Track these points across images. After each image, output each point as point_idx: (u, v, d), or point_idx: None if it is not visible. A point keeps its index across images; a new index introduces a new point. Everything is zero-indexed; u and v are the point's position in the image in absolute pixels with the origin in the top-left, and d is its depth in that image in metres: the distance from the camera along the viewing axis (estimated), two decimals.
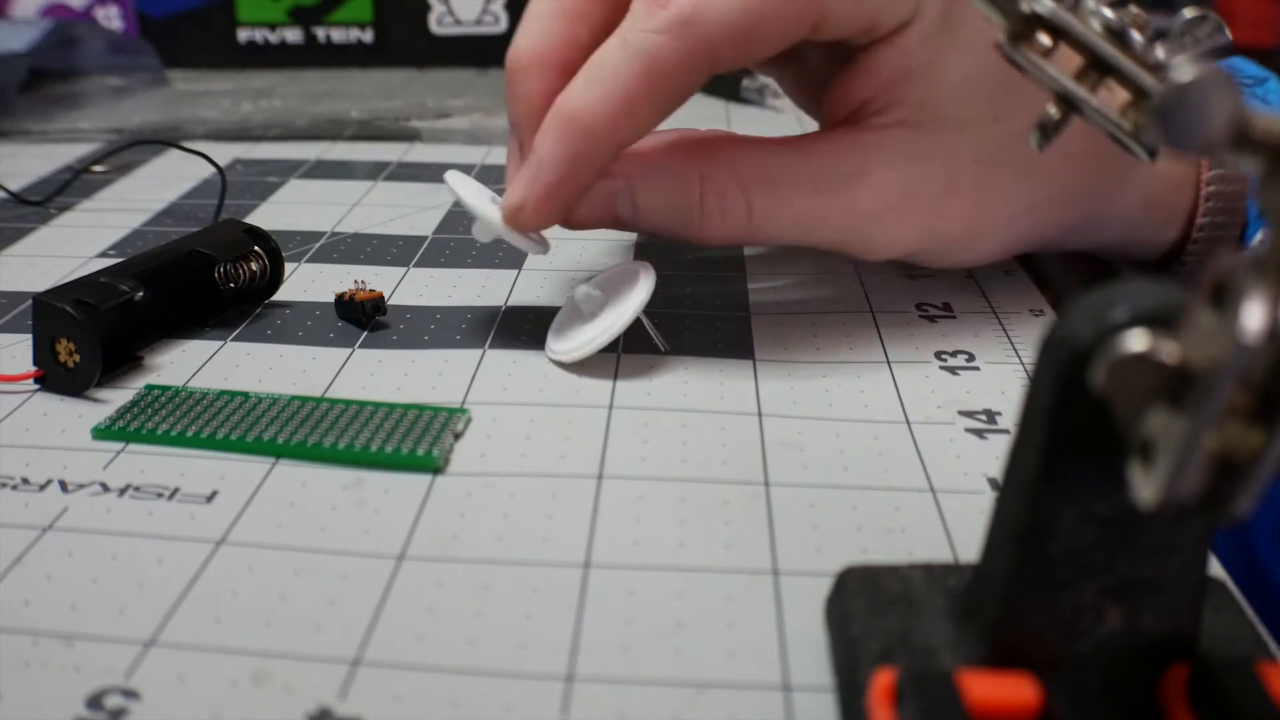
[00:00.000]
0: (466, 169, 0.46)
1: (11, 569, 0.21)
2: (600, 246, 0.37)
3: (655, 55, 0.26)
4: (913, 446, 0.25)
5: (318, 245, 0.37)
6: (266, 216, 0.40)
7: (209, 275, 0.30)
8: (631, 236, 0.38)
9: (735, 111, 0.57)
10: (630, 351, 0.29)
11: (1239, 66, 0.33)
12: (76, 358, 0.26)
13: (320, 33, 0.69)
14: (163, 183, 0.45)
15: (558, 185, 0.27)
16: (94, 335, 0.26)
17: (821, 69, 0.33)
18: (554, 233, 0.29)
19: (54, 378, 0.27)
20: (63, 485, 0.23)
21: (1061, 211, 0.31)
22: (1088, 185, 0.31)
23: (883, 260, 0.30)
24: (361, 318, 0.30)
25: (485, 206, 0.29)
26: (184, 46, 0.68)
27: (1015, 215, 0.30)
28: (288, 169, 0.47)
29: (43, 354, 0.27)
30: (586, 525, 0.22)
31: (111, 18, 0.70)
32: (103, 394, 0.27)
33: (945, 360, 0.29)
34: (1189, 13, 0.20)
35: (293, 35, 0.69)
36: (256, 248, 0.31)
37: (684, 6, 0.26)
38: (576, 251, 0.36)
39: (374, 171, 0.46)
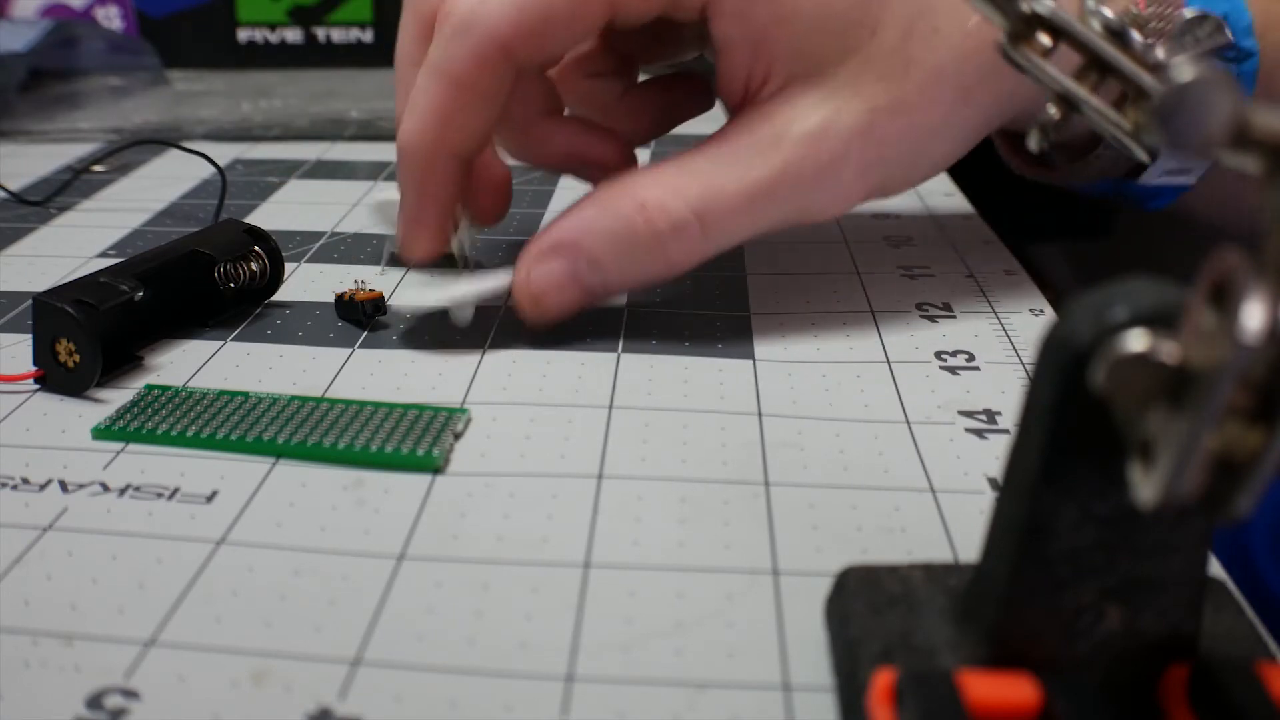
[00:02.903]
0: None
1: (11, 569, 0.21)
2: None
3: (449, 65, 0.27)
4: (913, 446, 0.25)
5: (318, 245, 0.37)
6: (266, 216, 0.40)
7: (209, 275, 0.30)
8: None
9: None
10: (630, 351, 0.29)
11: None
12: (76, 358, 0.26)
13: (320, 33, 0.69)
14: (163, 183, 0.45)
15: (415, 212, 0.29)
16: (94, 335, 0.26)
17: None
18: None
19: (54, 378, 0.27)
20: (63, 485, 0.23)
21: (998, 81, 0.29)
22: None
23: (852, 208, 0.30)
24: (361, 318, 0.30)
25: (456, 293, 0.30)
26: (184, 46, 0.68)
27: (952, 107, 0.29)
28: (288, 169, 0.47)
29: (43, 354, 0.27)
30: (586, 525, 0.22)
31: (111, 18, 0.70)
32: (103, 394, 0.27)
33: (945, 360, 0.29)
34: (1189, 13, 0.20)
35: (293, 35, 0.69)
36: (256, 248, 0.31)
37: (462, 13, 0.27)
38: None
39: (374, 171, 0.46)
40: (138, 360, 0.28)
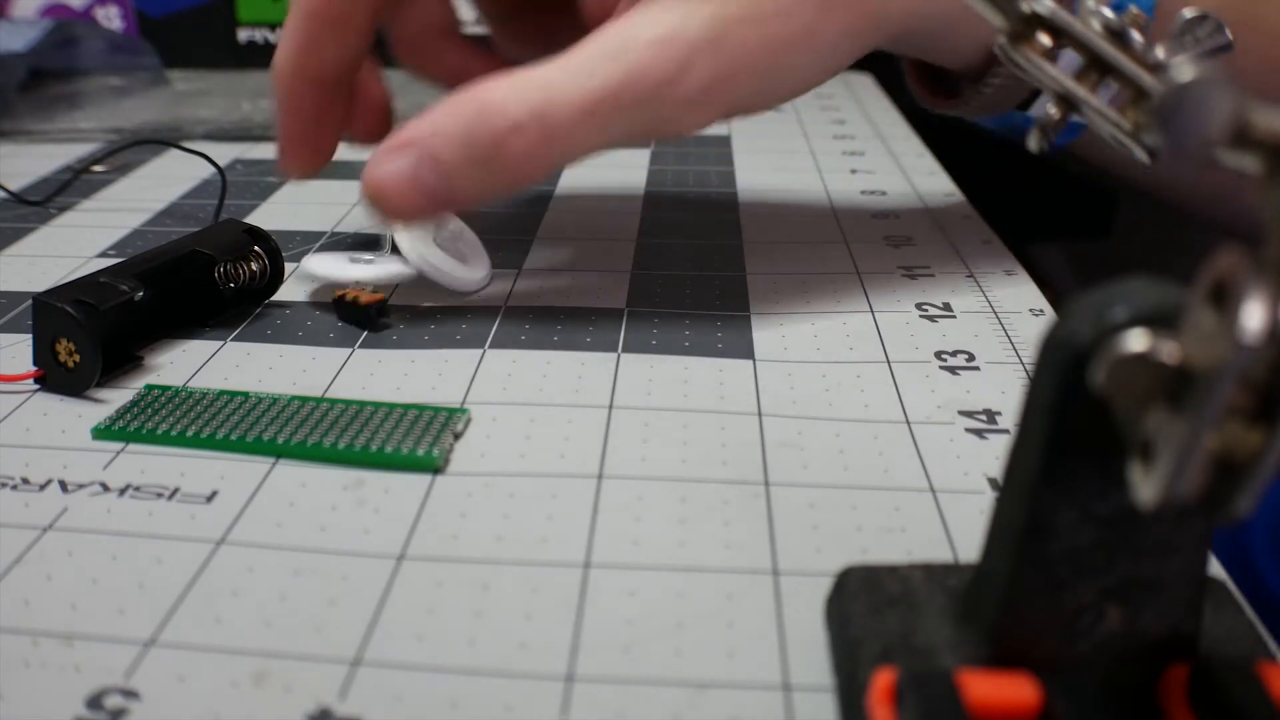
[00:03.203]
0: None
1: (11, 569, 0.21)
2: (601, 246, 0.37)
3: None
4: (913, 446, 0.25)
5: (317, 245, 0.37)
6: (266, 216, 0.40)
7: (209, 275, 0.30)
8: (629, 236, 0.38)
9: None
10: (630, 351, 0.29)
11: None
12: (77, 358, 0.26)
13: None
14: (163, 183, 0.45)
15: (287, 128, 0.33)
16: (94, 335, 0.26)
17: None
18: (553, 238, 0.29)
19: (54, 378, 0.27)
20: (63, 485, 0.23)
21: None
22: None
23: (706, 124, 0.29)
24: (365, 320, 0.30)
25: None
26: (184, 46, 0.68)
27: (811, 19, 0.28)
28: None
29: (43, 354, 0.27)
30: (586, 525, 0.22)
31: (111, 18, 0.70)
32: (103, 394, 0.27)
33: (945, 360, 0.29)
34: (1189, 13, 0.20)
35: None
36: (256, 247, 0.31)
37: None
38: (575, 250, 0.36)
39: None
40: (138, 360, 0.28)
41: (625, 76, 0.27)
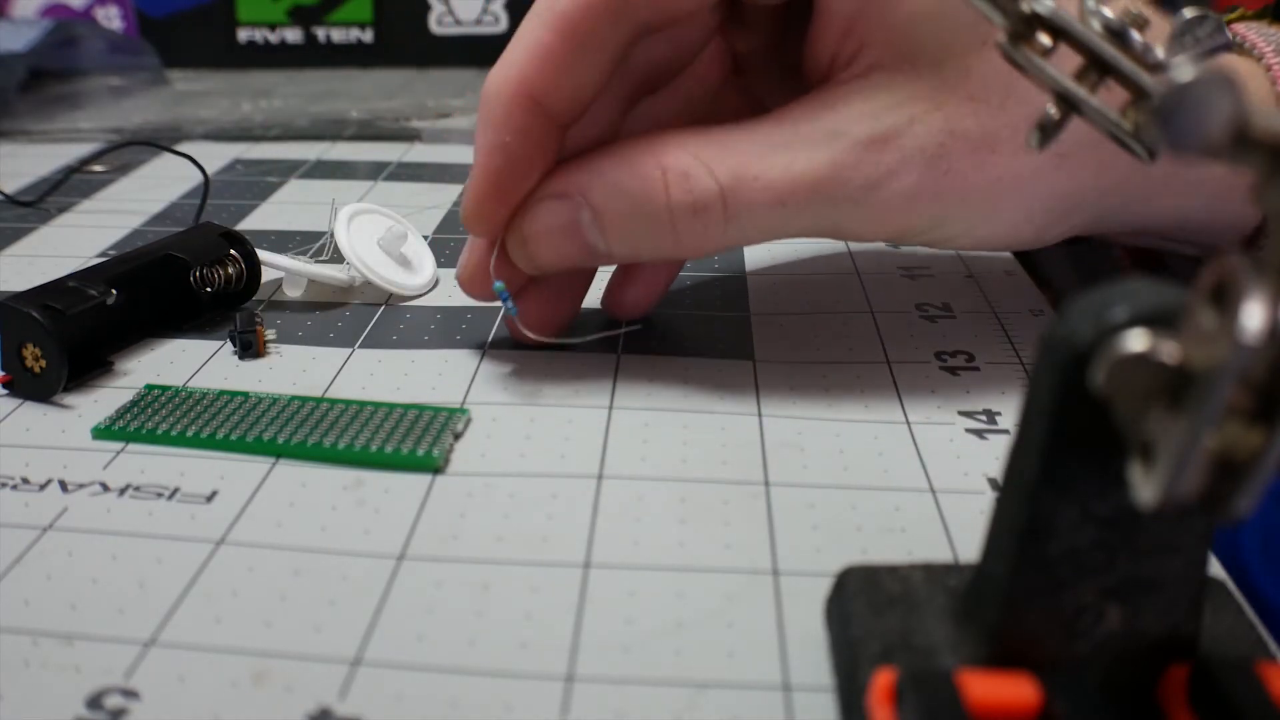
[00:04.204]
0: (466, 169, 0.46)
1: (11, 569, 0.21)
2: None
3: (559, 3, 0.24)
4: (913, 446, 0.25)
5: (317, 245, 0.37)
6: (267, 216, 0.40)
7: (184, 279, 0.30)
8: None
9: None
10: (630, 351, 0.29)
11: None
12: (43, 363, 0.26)
13: (320, 33, 0.69)
14: (162, 183, 0.45)
15: (489, 168, 0.25)
16: (59, 340, 0.26)
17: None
18: None
19: (21, 383, 0.27)
20: (63, 485, 0.23)
21: (1095, 151, 0.25)
22: None
23: (889, 237, 0.26)
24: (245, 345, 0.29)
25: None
26: (184, 46, 0.68)
27: (1040, 165, 0.25)
28: (288, 169, 0.47)
29: (10, 359, 0.26)
30: (586, 525, 0.22)
31: (111, 18, 0.70)
32: (102, 394, 0.27)
33: (945, 360, 0.29)
34: (1189, 13, 0.20)
35: (293, 35, 0.69)
36: (233, 251, 0.31)
37: None
38: None
39: (374, 171, 0.46)
40: (108, 365, 0.28)
41: (830, 171, 0.24)
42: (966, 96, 0.25)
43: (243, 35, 0.69)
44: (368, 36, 0.68)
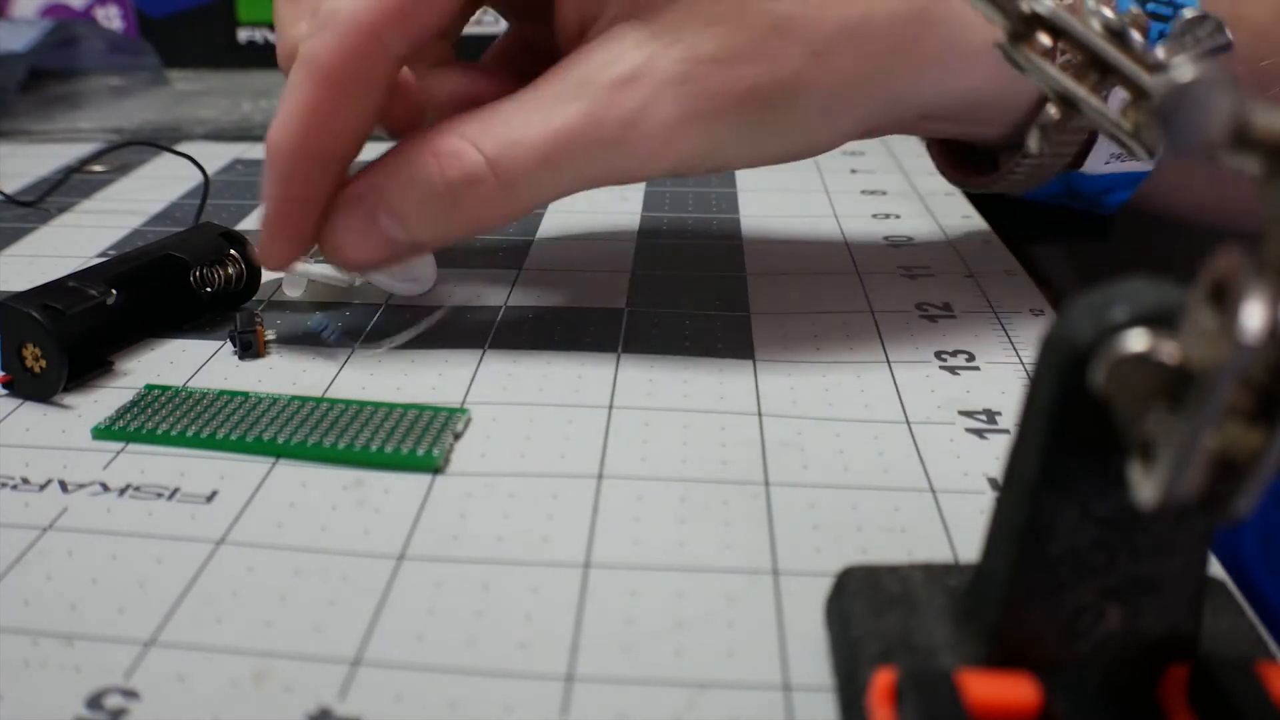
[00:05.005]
0: None
1: (11, 569, 0.21)
2: (601, 246, 0.37)
3: (318, 58, 0.25)
4: (913, 446, 0.25)
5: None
6: None
7: (184, 279, 0.30)
8: (629, 237, 0.38)
9: None
10: (630, 351, 0.29)
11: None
12: (43, 363, 0.26)
13: None
14: (162, 183, 0.45)
15: (278, 216, 0.27)
16: (59, 340, 0.26)
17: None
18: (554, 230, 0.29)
19: (21, 383, 0.27)
20: (63, 485, 0.23)
21: (863, 46, 0.26)
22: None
23: (669, 170, 0.27)
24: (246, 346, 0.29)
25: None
26: (184, 46, 0.68)
27: (797, 67, 0.26)
28: None
29: (10, 359, 0.26)
30: (586, 525, 0.22)
31: (111, 18, 0.70)
32: (102, 394, 0.27)
33: (945, 360, 0.29)
34: (1189, 13, 0.20)
35: None
36: (233, 251, 0.31)
37: (326, 3, 0.25)
38: (575, 251, 0.36)
39: None
40: (108, 365, 0.28)
41: (583, 119, 0.25)
42: (703, 23, 0.26)
43: (243, 35, 0.69)
44: None
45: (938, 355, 0.29)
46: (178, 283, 0.30)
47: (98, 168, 0.46)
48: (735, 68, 0.25)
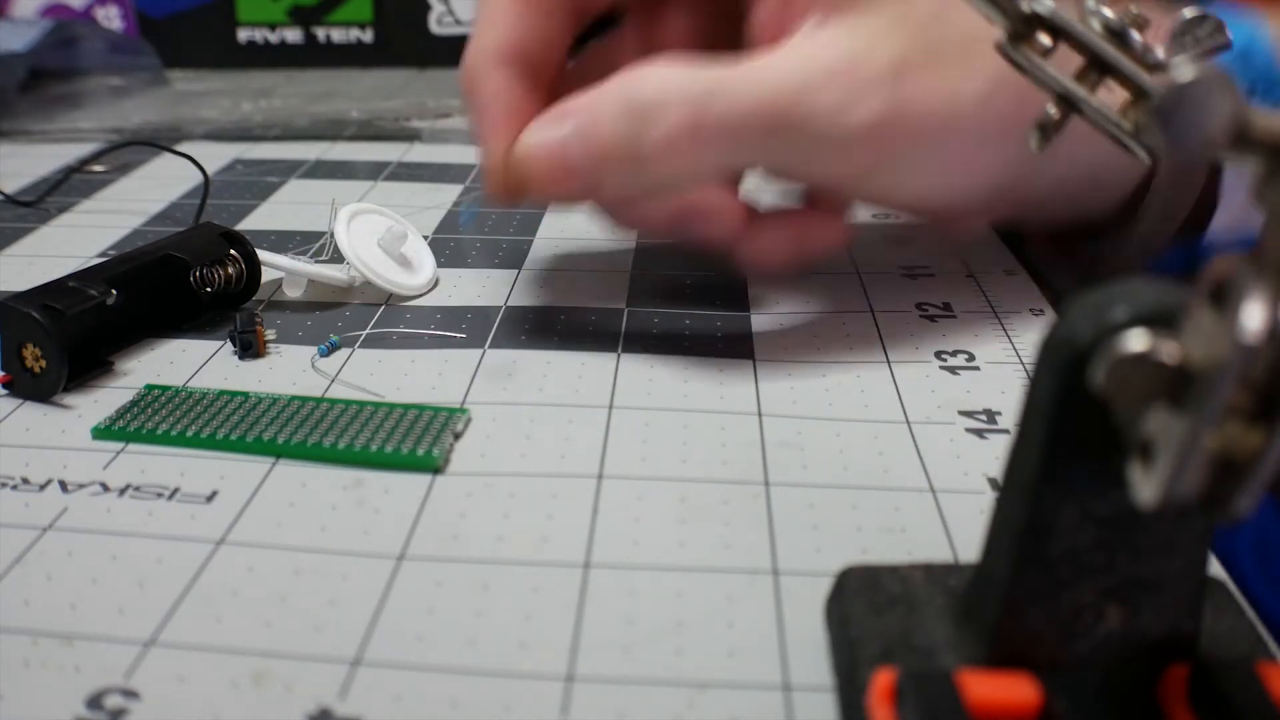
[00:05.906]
0: (466, 169, 0.46)
1: (11, 569, 0.21)
2: (601, 246, 0.37)
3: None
4: (913, 446, 0.25)
5: (317, 245, 0.37)
6: (267, 216, 0.40)
7: (184, 279, 0.30)
8: (629, 237, 0.38)
9: None
10: (630, 351, 0.29)
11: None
12: (43, 363, 0.26)
13: (320, 33, 0.69)
14: (162, 183, 0.45)
15: (490, 121, 0.28)
16: (59, 340, 0.26)
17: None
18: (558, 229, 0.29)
19: (21, 383, 0.27)
20: (63, 485, 0.23)
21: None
22: None
23: (844, 174, 0.28)
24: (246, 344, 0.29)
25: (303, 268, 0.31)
26: (184, 46, 0.69)
27: (985, 84, 0.27)
28: (288, 169, 0.47)
29: (10, 359, 0.26)
30: (586, 525, 0.22)
31: (111, 18, 0.70)
32: (102, 394, 0.27)
33: (945, 360, 0.29)
34: (1189, 13, 0.20)
35: (293, 35, 0.69)
36: (233, 251, 0.31)
37: None
38: (575, 251, 0.36)
39: (374, 171, 0.46)
40: (108, 365, 0.28)
41: (799, 91, 0.25)
42: (915, 28, 0.26)
43: (243, 35, 0.69)
44: (368, 36, 0.68)
45: (938, 355, 0.29)
46: (178, 283, 0.30)
47: (98, 168, 0.46)
48: (939, 69, 0.26)
